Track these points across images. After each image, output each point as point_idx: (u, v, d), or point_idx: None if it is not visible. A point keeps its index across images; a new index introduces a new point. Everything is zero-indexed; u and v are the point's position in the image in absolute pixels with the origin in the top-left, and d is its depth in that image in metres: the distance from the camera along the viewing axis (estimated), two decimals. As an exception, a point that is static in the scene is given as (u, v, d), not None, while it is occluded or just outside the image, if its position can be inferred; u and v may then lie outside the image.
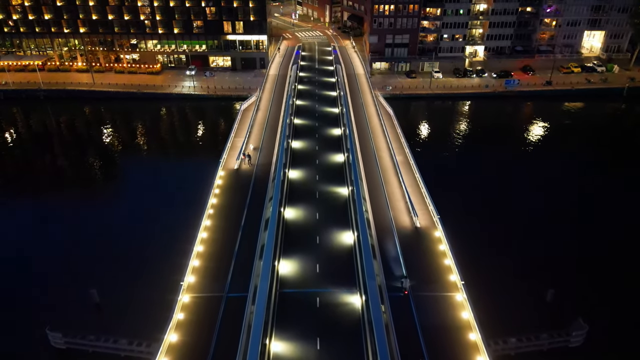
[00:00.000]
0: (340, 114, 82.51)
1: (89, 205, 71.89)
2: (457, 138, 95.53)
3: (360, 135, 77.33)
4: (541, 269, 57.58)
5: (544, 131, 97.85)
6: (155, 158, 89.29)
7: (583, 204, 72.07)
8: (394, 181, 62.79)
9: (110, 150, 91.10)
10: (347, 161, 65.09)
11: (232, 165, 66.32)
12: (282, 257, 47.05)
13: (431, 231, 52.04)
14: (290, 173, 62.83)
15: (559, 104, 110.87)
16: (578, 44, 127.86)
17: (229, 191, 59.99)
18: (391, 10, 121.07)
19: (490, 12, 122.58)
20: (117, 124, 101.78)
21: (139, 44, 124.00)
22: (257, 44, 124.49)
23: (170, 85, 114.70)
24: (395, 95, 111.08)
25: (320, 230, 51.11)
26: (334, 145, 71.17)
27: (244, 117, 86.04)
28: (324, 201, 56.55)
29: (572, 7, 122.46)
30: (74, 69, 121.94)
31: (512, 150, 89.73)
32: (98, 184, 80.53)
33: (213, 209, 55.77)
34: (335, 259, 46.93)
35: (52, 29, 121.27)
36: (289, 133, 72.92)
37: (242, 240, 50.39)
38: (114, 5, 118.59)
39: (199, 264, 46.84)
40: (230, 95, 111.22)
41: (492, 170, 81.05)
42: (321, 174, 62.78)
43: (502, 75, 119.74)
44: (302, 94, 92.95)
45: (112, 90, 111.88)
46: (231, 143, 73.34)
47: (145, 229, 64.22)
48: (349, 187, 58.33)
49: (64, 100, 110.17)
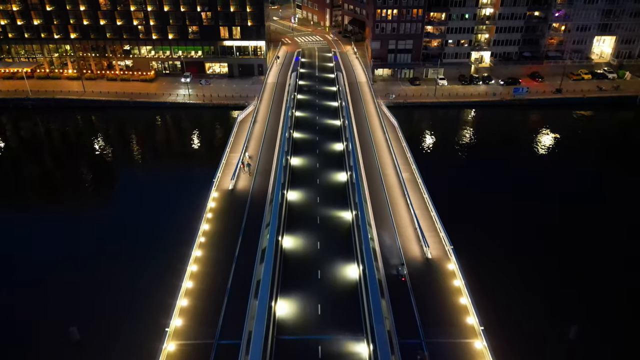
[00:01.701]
0: (342, 126, 77.95)
1: (71, 229, 66.85)
2: (465, 151, 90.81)
3: (364, 150, 72.68)
4: (570, 307, 52.51)
5: (556, 142, 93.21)
6: (144, 176, 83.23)
7: (606, 224, 67.47)
8: (401, 203, 58.11)
9: (95, 167, 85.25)
10: (350, 180, 60.50)
11: (226, 185, 61.66)
12: (279, 296, 42.41)
13: (444, 263, 47.37)
14: (289, 194, 58.20)
15: (569, 112, 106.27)
16: (588, 49, 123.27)
17: (222, 215, 55.30)
18: (394, 14, 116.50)
19: (497, 17, 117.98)
20: (106, 136, 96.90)
21: (132, 50, 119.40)
22: (255, 49, 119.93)
23: (165, 94, 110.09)
24: (399, 104, 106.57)
25: (321, 262, 46.48)
26: (336, 162, 66.56)
27: (240, 129, 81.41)
28: (326, 228, 51.88)
29: (582, 11, 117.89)
30: (64, 76, 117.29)
31: (524, 163, 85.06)
32: (80, 205, 74.12)
33: (205, 237, 51.09)
34: (339, 298, 42.26)
35: (42, 35, 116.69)
36: (287, 149, 68.38)
37: (235, 274, 45.70)
38: (105, 10, 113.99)
39: (188, 303, 42.14)
40: (226, 104, 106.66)
41: (506, 188, 76.26)
42: (322, 195, 58.13)
43: (510, 82, 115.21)
44: (302, 104, 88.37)
45: (104, 98, 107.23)
46: (226, 159, 68.68)
47: (131, 260, 58.80)
48: (353, 210, 53.76)
49: (53, 109, 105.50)
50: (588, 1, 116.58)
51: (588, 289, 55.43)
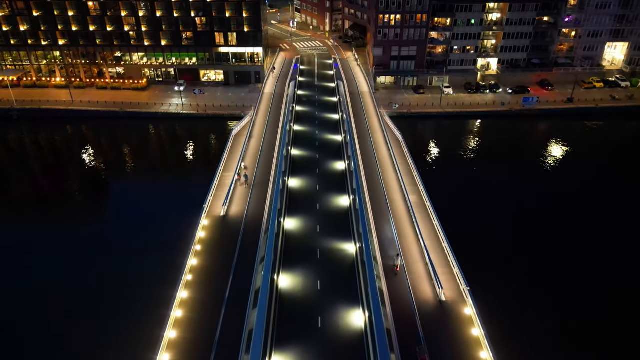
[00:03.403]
0: (343, 142, 72.84)
1: (40, 267, 61.63)
2: (475, 167, 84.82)
3: (368, 170, 67.50)
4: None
5: (571, 156, 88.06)
6: (127, 200, 75.36)
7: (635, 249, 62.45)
8: (410, 234, 52.91)
9: (76, 187, 78.99)
10: (352, 206, 55.36)
11: (218, 210, 56.46)
12: (275, 350, 37.24)
13: (459, 307, 42.21)
14: (286, 222, 53.03)
15: (581, 123, 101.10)
16: (599, 56, 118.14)
17: (212, 248, 50.11)
18: (397, 20, 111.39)
19: (505, 22, 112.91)
20: (92, 149, 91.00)
21: (124, 56, 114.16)
22: (252, 56, 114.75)
23: (157, 103, 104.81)
24: (403, 114, 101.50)
25: (323, 308, 41.30)
26: (338, 184, 61.34)
27: (235, 143, 76.31)
28: (327, 263, 46.65)
29: (594, 16, 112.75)
30: (52, 84, 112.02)
31: (542, 180, 79.76)
32: (57, 233, 67.06)
33: (192, 274, 45.92)
34: (343, 353, 37.08)
35: (29, 41, 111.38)
36: (285, 169, 63.27)
37: (225, 322, 40.51)
38: (95, 15, 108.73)
39: (170, 358, 36.98)
40: (222, 114, 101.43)
41: (524, 210, 70.32)
42: (323, 224, 52.86)
43: (518, 90, 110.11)
44: (301, 116, 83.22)
45: (92, 109, 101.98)
46: (219, 179, 63.52)
47: (110, 301, 52.84)
48: (357, 243, 48.60)
49: (39, 120, 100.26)
50: (600, 6, 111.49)
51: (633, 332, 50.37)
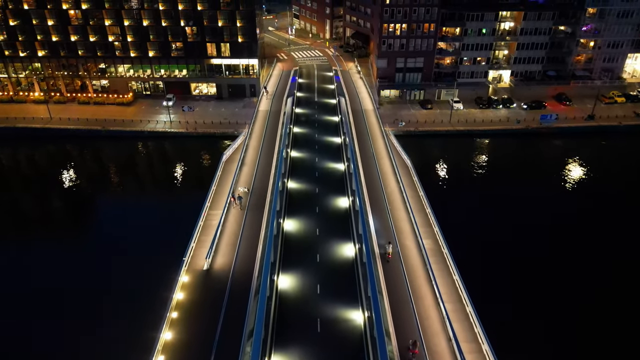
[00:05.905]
0: (346, 173, 64.64)
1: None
2: (494, 201, 74.79)
3: (375, 208, 58.77)
4: None
5: (597, 180, 79.98)
6: (94, 254, 62.26)
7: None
8: (428, 294, 44.50)
9: (38, 229, 69.71)
10: (359, 258, 47.16)
11: (200, 263, 48.04)
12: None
13: (494, 403, 34.03)
14: (280, 280, 44.78)
15: (606, 143, 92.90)
16: (620, 68, 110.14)
17: (191, 314, 41.74)
18: (403, 30, 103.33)
19: (519, 32, 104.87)
20: (66, 173, 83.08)
21: (108, 68, 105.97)
22: (247, 68, 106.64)
23: (142, 120, 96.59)
24: (409, 132, 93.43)
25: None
26: (341, 227, 53.00)
27: (225, 171, 68.06)
28: (327, 338, 38.43)
29: (614, 26, 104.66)
30: (30, 99, 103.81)
31: (569, 214, 71.80)
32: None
33: (164, 354, 37.61)
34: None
35: (5, 52, 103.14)
36: (280, 207, 55.01)
37: None
38: (77, 25, 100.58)
39: None
40: (213, 132, 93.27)
41: (558, 259, 62.49)
42: (324, 282, 44.61)
43: (534, 106, 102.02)
44: (299, 139, 75.07)
45: (72, 127, 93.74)
46: (204, 220, 55.16)
47: None
48: (365, 311, 40.34)
49: (12, 140, 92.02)
50: (621, 15, 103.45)
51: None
